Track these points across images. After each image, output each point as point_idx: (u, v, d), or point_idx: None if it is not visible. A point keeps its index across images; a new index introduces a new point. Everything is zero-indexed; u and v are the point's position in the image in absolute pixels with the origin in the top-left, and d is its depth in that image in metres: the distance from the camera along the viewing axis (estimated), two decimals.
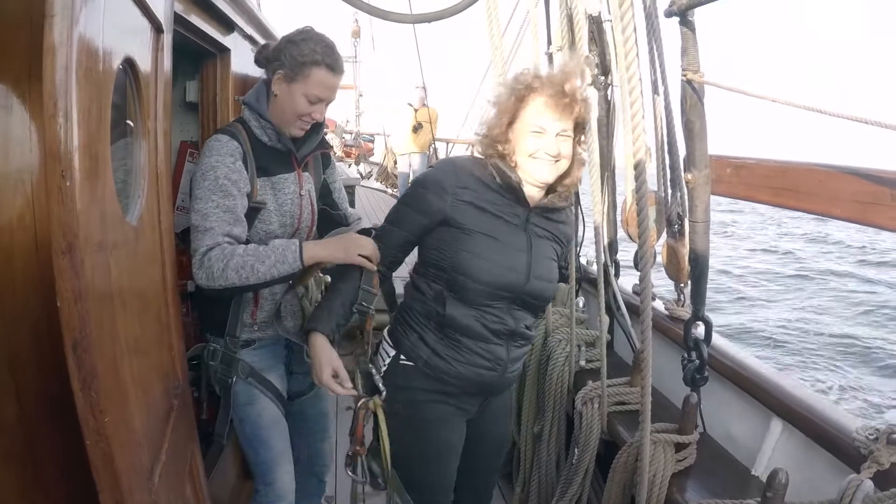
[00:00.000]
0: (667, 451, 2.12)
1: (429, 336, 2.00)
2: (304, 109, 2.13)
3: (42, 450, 1.36)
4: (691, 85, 2.00)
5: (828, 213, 1.84)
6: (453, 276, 1.94)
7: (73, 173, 0.97)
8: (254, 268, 1.93)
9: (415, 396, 2.01)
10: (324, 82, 2.11)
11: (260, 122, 2.16)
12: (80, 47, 1.03)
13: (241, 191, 2.04)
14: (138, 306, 1.39)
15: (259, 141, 2.16)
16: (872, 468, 1.67)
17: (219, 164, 2.02)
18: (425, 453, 2.05)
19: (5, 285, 1.31)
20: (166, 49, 1.73)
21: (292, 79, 2.10)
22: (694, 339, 2.31)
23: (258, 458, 2.30)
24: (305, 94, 2.10)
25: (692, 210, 2.18)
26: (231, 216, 1.99)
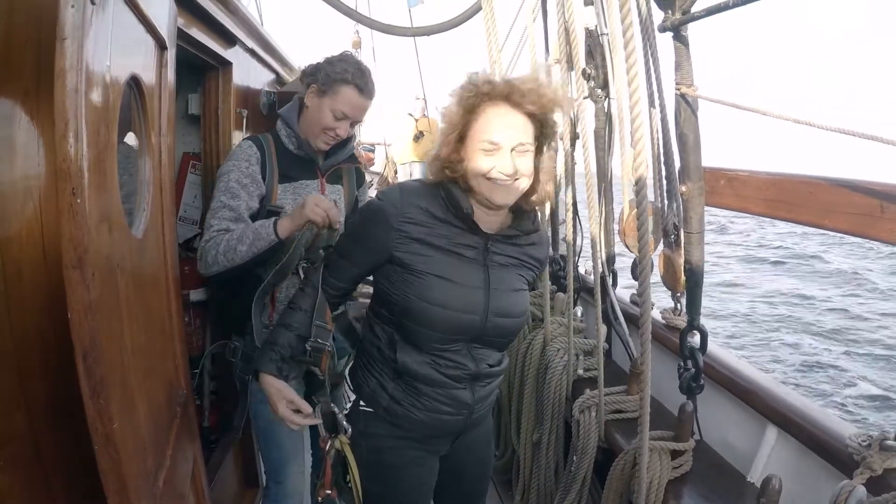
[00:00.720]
0: (663, 459, 2.15)
1: (387, 383, 1.85)
2: (330, 123, 2.26)
3: (49, 457, 1.38)
4: (685, 99, 2.04)
5: (819, 224, 1.87)
6: (402, 322, 1.79)
7: (82, 191, 1.00)
8: (236, 249, 2.05)
9: (378, 443, 1.89)
10: (351, 101, 2.26)
11: (288, 130, 2.33)
12: (90, 69, 1.07)
13: (250, 193, 2.19)
14: (143, 316, 1.42)
15: (286, 149, 2.32)
16: (865, 474, 1.69)
17: (233, 169, 2.19)
18: (396, 496, 1.93)
19: (14, 297, 1.33)
20: (170, 65, 1.77)
21: (323, 93, 2.25)
22: (689, 347, 2.34)
23: (270, 455, 2.41)
24: (332, 108, 2.24)
25: (687, 221, 2.21)
26: (232, 214, 2.13)
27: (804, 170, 6.53)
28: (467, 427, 1.95)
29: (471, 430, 2.00)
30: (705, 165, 2.17)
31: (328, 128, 2.28)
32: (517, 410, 3.30)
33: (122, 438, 1.08)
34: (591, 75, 2.78)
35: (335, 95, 2.24)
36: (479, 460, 2.12)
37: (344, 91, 2.24)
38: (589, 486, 2.62)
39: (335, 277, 1.91)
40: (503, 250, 1.84)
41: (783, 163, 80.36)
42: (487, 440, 2.15)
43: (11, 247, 1.32)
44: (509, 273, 1.87)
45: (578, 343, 3.01)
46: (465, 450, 2.04)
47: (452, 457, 2.03)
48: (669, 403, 2.65)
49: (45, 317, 1.33)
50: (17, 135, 1.33)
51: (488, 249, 1.81)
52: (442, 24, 2.86)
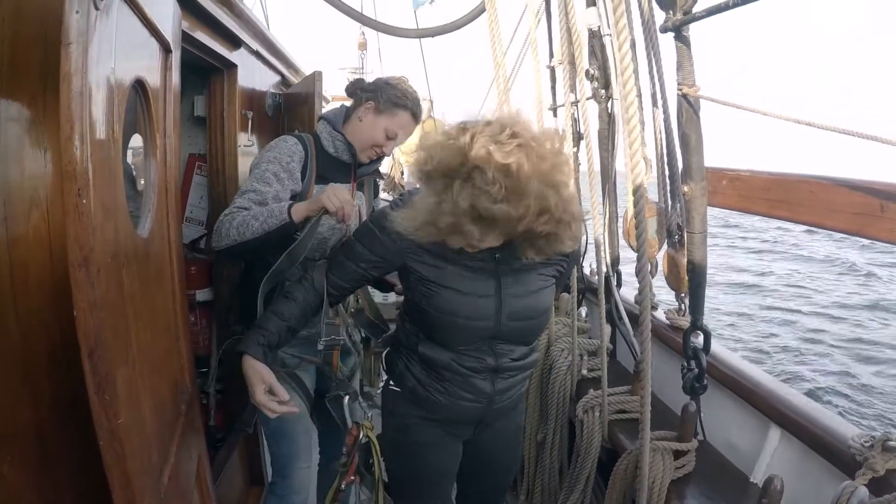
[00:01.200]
0: (666, 459, 2.15)
1: (413, 367, 1.97)
2: (381, 141, 2.39)
3: (55, 453, 1.40)
4: (687, 99, 2.04)
5: (821, 224, 1.87)
6: (421, 325, 1.93)
7: (87, 191, 1.02)
8: (249, 225, 2.06)
9: (404, 421, 2.02)
10: (404, 124, 2.40)
11: (332, 133, 2.40)
12: (94, 72, 1.09)
13: (283, 185, 2.22)
14: (149, 315, 1.44)
15: (325, 151, 2.40)
16: (867, 475, 1.68)
17: (273, 161, 2.25)
18: (418, 475, 2.07)
19: (21, 295, 1.35)
20: (174, 67, 1.79)
21: (381, 111, 2.36)
22: (693, 348, 2.34)
23: (278, 450, 2.44)
24: (387, 128, 2.37)
25: (689, 221, 2.21)
26: (258, 198, 2.16)
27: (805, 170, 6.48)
28: (489, 415, 2.03)
29: (497, 420, 2.09)
30: (708, 166, 2.17)
31: (378, 144, 2.40)
32: None
33: (127, 434, 1.10)
34: (594, 76, 2.79)
35: (392, 117, 2.36)
36: (503, 459, 2.23)
37: (401, 115, 2.37)
38: (592, 486, 2.63)
39: (339, 277, 1.96)
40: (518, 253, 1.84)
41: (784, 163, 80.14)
42: (516, 433, 2.26)
43: (18, 246, 1.34)
44: (527, 275, 1.91)
45: (583, 343, 3.02)
46: (491, 439, 2.13)
47: (479, 444, 2.12)
48: (673, 403, 2.65)
49: (51, 314, 1.35)
50: (24, 137, 1.35)
51: (496, 259, 1.86)
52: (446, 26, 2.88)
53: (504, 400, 2.02)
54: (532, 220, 1.64)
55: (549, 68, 3.39)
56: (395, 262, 1.88)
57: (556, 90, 3.43)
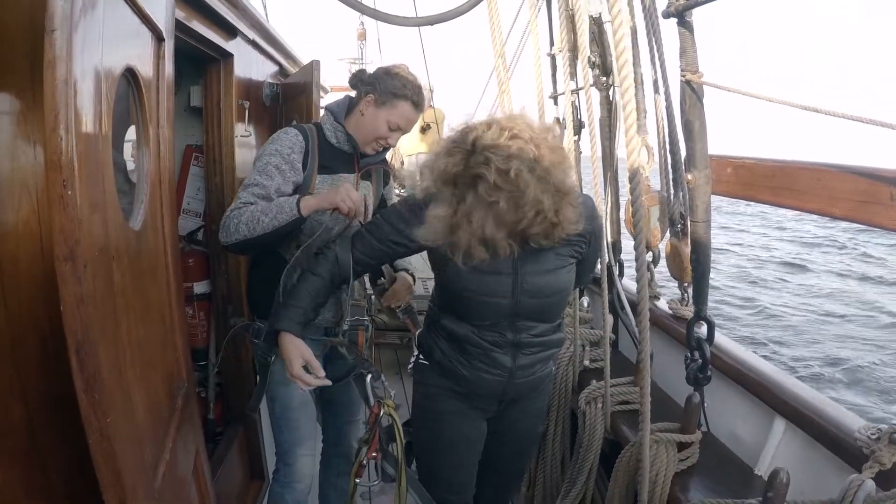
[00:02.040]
0: (669, 451, 2.13)
1: (440, 341, 2.08)
2: (384, 133, 2.37)
3: (48, 450, 1.38)
4: (690, 85, 2.00)
5: (827, 212, 1.84)
6: (443, 299, 2.08)
7: (73, 182, 0.99)
8: (259, 220, 2.10)
9: (430, 391, 2.14)
10: (406, 115, 2.37)
11: (334, 125, 2.39)
12: (80, 60, 1.06)
13: (285, 178, 2.24)
14: (142, 309, 1.41)
15: (328, 143, 2.39)
16: (874, 468, 1.65)
17: (275, 153, 2.26)
18: (440, 443, 2.15)
19: (12, 290, 1.33)
20: (168, 57, 1.75)
21: (381, 104, 2.34)
22: (696, 338, 2.31)
23: (282, 437, 2.47)
24: (388, 120, 2.35)
25: (693, 210, 2.18)
26: (261, 192, 2.19)
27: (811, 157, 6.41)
28: (510, 390, 2.10)
29: (520, 399, 2.16)
30: (711, 153, 2.14)
31: (381, 137, 2.38)
32: None
33: (117, 432, 1.07)
34: (595, 63, 2.75)
35: (393, 109, 2.34)
36: (522, 436, 2.29)
37: (402, 106, 2.35)
38: (595, 477, 2.61)
39: (363, 253, 2.05)
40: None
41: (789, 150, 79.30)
42: (539, 415, 2.35)
43: (8, 240, 1.32)
44: (544, 255, 1.95)
45: (585, 334, 3.00)
46: (514, 419, 2.21)
47: (502, 421, 2.20)
48: (676, 395, 2.63)
49: (41, 309, 1.33)
50: (13, 130, 1.33)
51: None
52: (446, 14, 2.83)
53: (527, 376, 2.08)
54: (528, 223, 1.77)
55: (550, 56, 3.34)
56: (421, 245, 1.96)
57: (556, 78, 3.39)
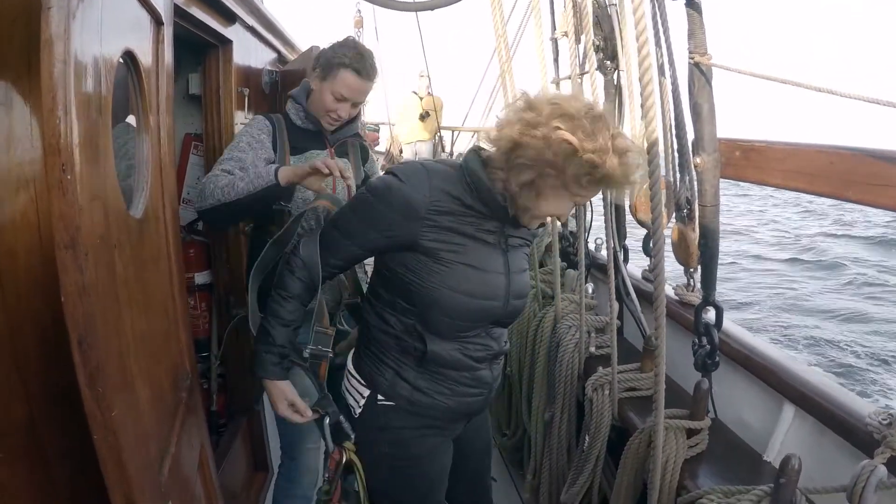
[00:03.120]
0: (678, 437, 2.11)
1: (408, 373, 1.79)
2: (331, 105, 2.38)
3: (52, 447, 1.35)
4: (699, 68, 1.98)
5: (840, 196, 1.81)
6: (428, 313, 1.73)
7: (73, 167, 0.96)
8: (234, 185, 2.13)
9: (401, 435, 1.84)
10: (349, 84, 2.35)
11: (296, 107, 2.46)
12: (78, 40, 1.02)
13: (258, 155, 2.30)
14: (144, 300, 1.38)
15: (294, 125, 2.45)
16: (886, 453, 1.63)
17: (245, 135, 2.35)
18: (419, 489, 1.91)
19: (10, 284, 1.30)
20: (167, 41, 1.71)
21: (324, 77, 2.37)
22: (704, 324, 2.29)
23: (286, 431, 2.47)
24: (332, 91, 2.36)
25: (702, 194, 2.16)
26: (238, 164, 2.24)
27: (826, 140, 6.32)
28: (483, 408, 1.99)
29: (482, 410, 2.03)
30: (720, 136, 2.11)
31: (329, 110, 2.39)
32: (528, 389, 3.27)
33: (122, 426, 1.04)
34: (599, 47, 2.71)
35: (334, 79, 2.35)
36: (483, 438, 2.16)
37: (342, 74, 2.34)
38: (602, 465, 2.59)
39: (334, 256, 1.78)
40: (516, 231, 1.81)
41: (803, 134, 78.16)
42: (486, 416, 2.18)
43: (6, 231, 1.29)
44: (519, 253, 1.86)
45: (590, 320, 2.97)
46: (472, 430, 2.05)
47: (462, 438, 2.01)
48: (684, 381, 2.61)
49: (42, 303, 1.29)
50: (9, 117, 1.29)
51: (504, 233, 1.78)
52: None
53: (496, 386, 1.95)
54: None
55: (552, 40, 3.30)
56: (404, 238, 1.68)
57: (559, 62, 3.35)
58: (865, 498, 1.55)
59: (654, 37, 2.41)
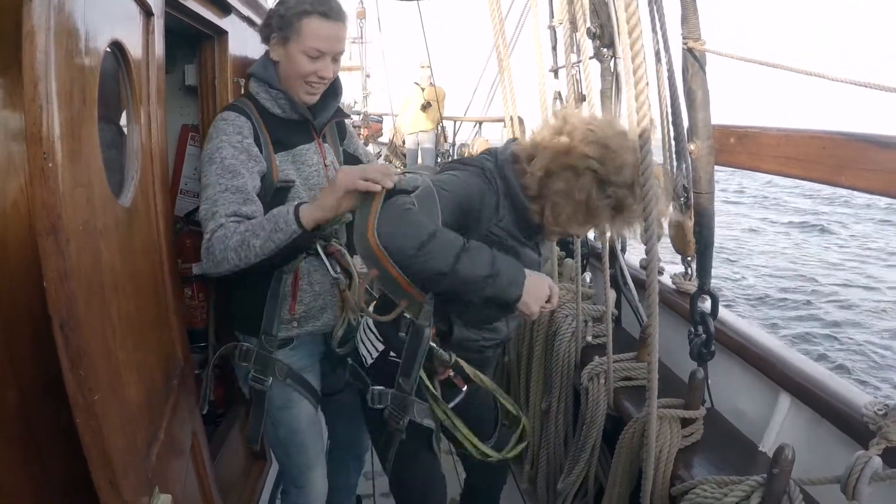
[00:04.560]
0: (673, 427, 2.11)
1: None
2: (307, 68, 1.94)
3: (43, 432, 1.36)
4: (692, 53, 1.96)
5: (834, 181, 1.79)
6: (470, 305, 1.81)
7: (54, 155, 0.96)
8: (250, 244, 1.75)
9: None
10: (319, 32, 1.91)
11: (270, 92, 2.01)
12: (61, 30, 1.03)
13: (250, 170, 1.89)
14: (133, 287, 1.38)
15: (270, 114, 2.01)
16: (881, 444, 1.62)
17: (224, 145, 1.87)
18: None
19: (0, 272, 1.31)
20: (157, 32, 1.71)
21: (286, 39, 1.93)
22: (700, 312, 2.28)
23: (291, 461, 2.25)
24: (303, 50, 1.92)
25: (696, 181, 2.15)
26: (240, 196, 1.83)
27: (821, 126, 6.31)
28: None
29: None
30: (714, 123, 2.10)
31: (306, 74, 1.95)
32: (525, 378, 3.27)
33: (105, 411, 1.05)
34: (595, 34, 2.70)
35: (300, 34, 1.90)
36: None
37: (307, 24, 1.89)
38: (598, 454, 2.60)
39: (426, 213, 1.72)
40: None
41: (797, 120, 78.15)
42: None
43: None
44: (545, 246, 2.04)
45: (587, 309, 2.97)
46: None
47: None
48: (679, 370, 2.61)
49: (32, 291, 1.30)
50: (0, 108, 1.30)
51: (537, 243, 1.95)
52: None
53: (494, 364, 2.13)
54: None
55: (550, 28, 3.29)
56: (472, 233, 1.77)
57: (556, 51, 3.34)
58: (859, 489, 1.55)
59: (650, 23, 2.40)
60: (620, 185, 1.65)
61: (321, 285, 2.10)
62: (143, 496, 1.22)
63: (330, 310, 2.15)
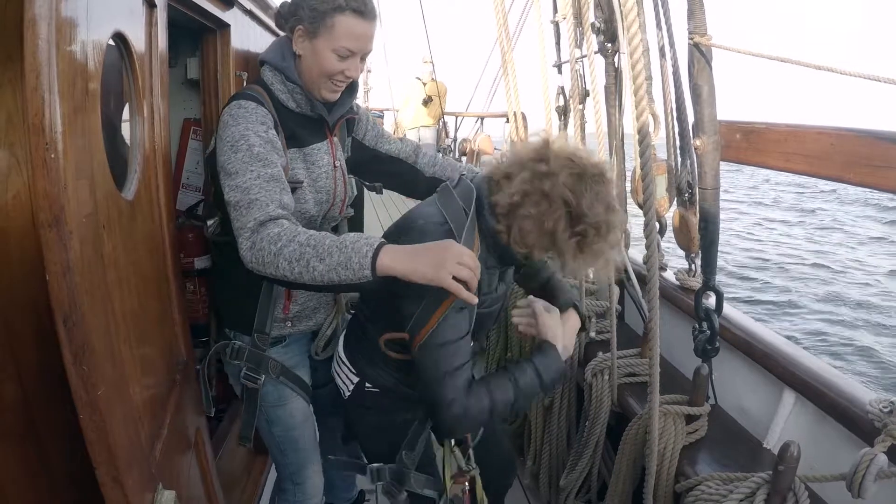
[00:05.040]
0: (677, 423, 2.10)
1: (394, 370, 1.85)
2: (335, 67, 1.82)
3: (45, 428, 1.36)
4: (699, 48, 1.95)
5: (840, 178, 1.78)
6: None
7: (56, 146, 0.95)
8: (309, 264, 1.49)
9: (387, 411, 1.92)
10: (352, 31, 1.78)
11: (286, 84, 1.88)
12: (63, 20, 1.01)
13: (280, 160, 1.75)
14: (136, 281, 1.37)
15: (285, 108, 1.89)
16: (887, 442, 1.62)
17: (250, 133, 1.70)
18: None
19: (2, 265, 1.30)
20: (160, 24, 1.70)
21: (315, 33, 1.79)
22: (705, 309, 2.27)
23: (286, 458, 2.20)
24: (333, 49, 1.79)
25: (702, 177, 2.14)
26: (278, 185, 1.66)
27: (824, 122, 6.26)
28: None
29: None
30: (720, 119, 2.08)
31: (333, 73, 1.82)
32: None
33: (109, 406, 1.04)
34: (599, 29, 2.68)
35: (331, 31, 1.77)
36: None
37: (340, 22, 1.76)
38: (602, 450, 2.59)
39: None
40: None
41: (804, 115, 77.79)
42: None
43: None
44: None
45: (590, 305, 2.96)
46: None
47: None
48: (684, 367, 2.60)
49: (34, 284, 1.29)
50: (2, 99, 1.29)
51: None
52: None
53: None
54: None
55: (553, 23, 3.27)
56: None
57: (560, 46, 3.32)
58: (865, 486, 1.54)
59: (655, 18, 2.39)
60: (591, 222, 1.56)
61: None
62: (147, 492, 1.21)
63: (323, 309, 2.14)
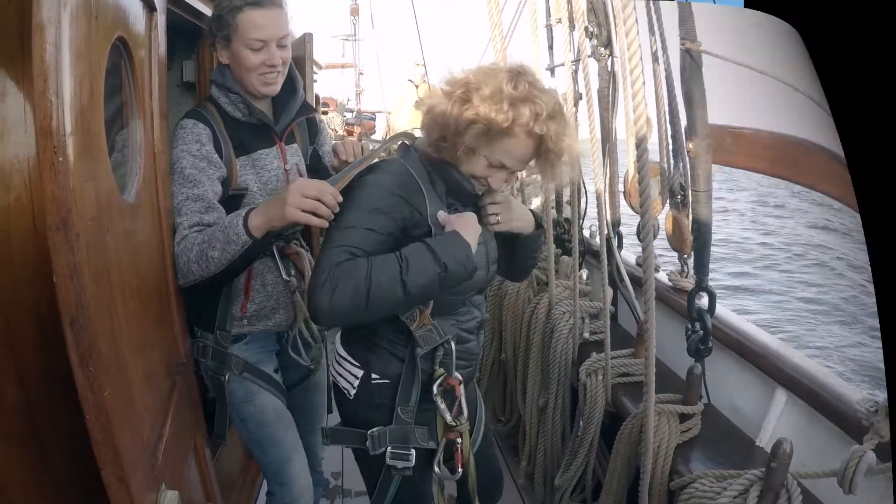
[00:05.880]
0: (671, 422, 2.13)
1: (400, 351, 1.77)
2: (254, 61, 1.90)
3: (47, 430, 1.36)
4: (690, 54, 1.98)
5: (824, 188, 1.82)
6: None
7: (65, 149, 0.96)
8: (208, 256, 1.72)
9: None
10: (255, 23, 1.86)
11: (229, 96, 1.97)
12: (70, 24, 1.03)
13: (210, 177, 1.86)
14: (137, 282, 1.39)
15: (232, 118, 1.98)
16: (874, 440, 1.64)
17: (183, 155, 1.85)
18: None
19: (3, 267, 1.31)
20: (160, 28, 1.71)
21: (229, 39, 1.89)
22: (697, 309, 2.30)
23: (266, 457, 2.14)
24: (246, 45, 1.88)
25: (694, 180, 2.17)
26: (201, 204, 1.81)
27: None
28: (471, 378, 1.93)
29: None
30: (711, 123, 2.12)
31: (255, 66, 1.91)
32: (522, 375, 3.28)
33: (115, 407, 1.05)
34: (593, 33, 2.71)
35: (238, 31, 1.86)
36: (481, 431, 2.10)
37: (242, 19, 1.86)
38: (596, 450, 2.61)
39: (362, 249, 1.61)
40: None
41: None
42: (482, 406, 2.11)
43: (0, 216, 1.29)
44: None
45: (584, 306, 2.98)
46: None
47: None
48: (677, 367, 2.63)
49: (37, 287, 1.30)
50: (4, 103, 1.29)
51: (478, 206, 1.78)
52: None
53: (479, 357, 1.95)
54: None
55: (547, 27, 3.30)
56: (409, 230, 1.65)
57: (553, 50, 3.35)
58: (855, 482, 1.57)
59: (648, 24, 2.42)
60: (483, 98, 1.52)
61: (274, 286, 2.06)
62: (151, 493, 1.22)
63: (283, 310, 2.10)
